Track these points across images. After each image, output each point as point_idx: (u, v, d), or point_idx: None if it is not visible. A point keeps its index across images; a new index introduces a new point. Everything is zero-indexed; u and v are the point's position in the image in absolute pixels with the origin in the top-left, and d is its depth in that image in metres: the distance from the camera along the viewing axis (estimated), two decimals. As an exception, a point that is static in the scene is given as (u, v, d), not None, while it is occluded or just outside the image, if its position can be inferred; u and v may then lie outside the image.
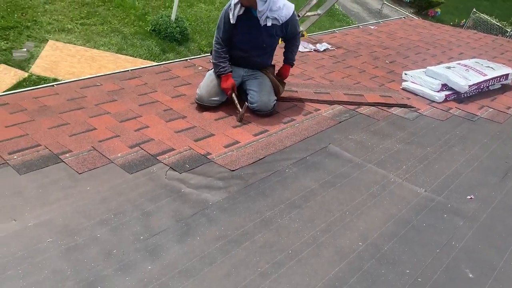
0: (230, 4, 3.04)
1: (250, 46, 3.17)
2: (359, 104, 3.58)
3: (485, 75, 4.14)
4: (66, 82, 3.33)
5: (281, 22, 3.08)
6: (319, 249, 1.99)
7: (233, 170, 2.50)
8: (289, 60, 3.42)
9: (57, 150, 2.44)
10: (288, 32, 3.24)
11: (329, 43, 5.15)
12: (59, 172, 2.27)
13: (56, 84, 3.25)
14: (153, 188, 2.24)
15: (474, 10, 16.44)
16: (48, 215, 1.97)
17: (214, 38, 3.19)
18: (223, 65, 3.14)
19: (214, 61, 3.19)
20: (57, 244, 1.82)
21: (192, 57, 4.28)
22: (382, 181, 2.56)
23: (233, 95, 3.17)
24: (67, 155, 2.41)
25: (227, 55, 3.17)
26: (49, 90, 3.14)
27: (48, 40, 7.58)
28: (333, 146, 2.89)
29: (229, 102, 3.22)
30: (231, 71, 3.17)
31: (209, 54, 3.94)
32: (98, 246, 1.84)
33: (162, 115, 2.99)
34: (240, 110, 3.08)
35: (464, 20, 16.80)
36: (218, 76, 3.18)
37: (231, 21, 3.04)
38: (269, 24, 3.04)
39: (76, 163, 2.35)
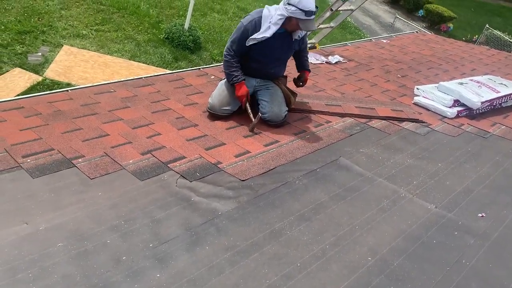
0: (254, 25, 3.01)
1: (268, 59, 3.20)
2: (371, 117, 3.58)
3: (498, 92, 4.12)
4: (80, 88, 3.37)
5: (301, 36, 3.20)
6: (328, 262, 1.98)
7: (243, 180, 2.50)
8: (307, 67, 3.49)
9: (70, 154, 2.46)
10: (303, 45, 3.34)
11: (341, 56, 5.16)
12: (71, 177, 2.29)
13: (70, 89, 3.29)
14: (163, 195, 2.25)
15: (487, 26, 16.40)
16: (59, 219, 1.99)
17: (226, 48, 3.16)
18: (236, 74, 3.14)
19: (226, 71, 3.18)
20: (68, 249, 1.83)
21: (205, 66, 4.31)
22: (393, 196, 2.55)
23: (247, 104, 3.18)
24: (80, 160, 2.43)
25: (239, 64, 3.17)
26: (64, 95, 3.17)
27: (63, 45, 7.68)
28: (343, 159, 2.89)
29: (240, 111, 3.24)
30: (244, 79, 3.18)
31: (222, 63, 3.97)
32: (108, 252, 1.85)
33: (174, 123, 3.01)
34: (253, 120, 3.09)
35: (476, 36, 16.77)
36: (232, 85, 3.19)
37: (247, 43, 3.07)
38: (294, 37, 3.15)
39: (88, 168, 2.37)
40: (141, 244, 1.92)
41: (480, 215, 2.50)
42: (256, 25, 3.03)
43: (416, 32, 7.88)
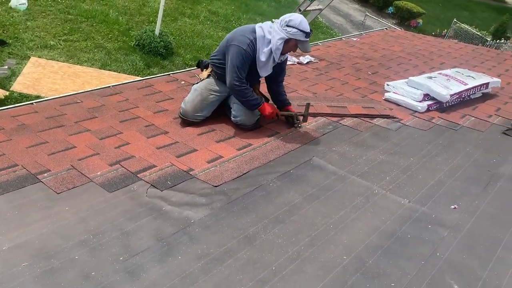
0: (253, 47, 2.98)
1: (250, 77, 3.13)
2: (342, 115, 3.59)
3: (466, 84, 4.19)
4: (45, 100, 3.28)
5: (282, 60, 3.20)
6: (303, 264, 1.96)
7: (216, 186, 2.47)
8: (288, 102, 3.37)
9: (35, 170, 2.38)
10: (281, 74, 3.32)
11: (312, 56, 5.18)
12: (36, 193, 2.21)
13: (35, 102, 3.20)
14: (133, 207, 2.20)
15: (455, 20, 16.78)
16: (24, 237, 1.91)
17: (234, 78, 2.97)
18: (256, 97, 3.08)
19: (243, 99, 3.04)
20: (33, 268, 1.76)
21: (174, 72, 4.26)
22: (366, 193, 2.55)
23: (281, 114, 3.22)
24: (45, 174, 2.36)
25: (250, 88, 3.11)
26: (28, 108, 3.08)
27: (30, 57, 7.50)
28: (317, 159, 2.88)
29: (213, 116, 3.20)
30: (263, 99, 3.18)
31: (195, 68, 3.90)
32: (76, 268, 1.79)
33: (144, 131, 2.96)
34: (299, 118, 3.27)
35: (445, 30, 17.13)
36: (255, 109, 3.10)
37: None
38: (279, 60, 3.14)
39: (55, 183, 2.30)
40: (110, 258, 1.86)
41: (452, 207, 2.52)
42: (254, 46, 3.00)
43: (386, 29, 7.98)
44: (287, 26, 2.93)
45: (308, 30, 2.96)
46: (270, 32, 2.99)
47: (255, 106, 3.09)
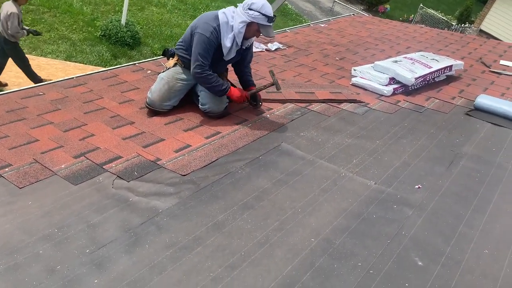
0: (216, 35, 2.94)
1: (217, 64, 3.11)
2: (310, 101, 3.61)
3: (430, 67, 4.28)
4: (5, 93, 3.17)
5: (249, 45, 3.18)
6: (272, 248, 1.98)
7: (184, 175, 2.45)
8: (252, 83, 3.35)
9: (-5, 165, 2.31)
10: (248, 56, 3.30)
11: (280, 43, 5.18)
12: (-3, 188, 2.15)
13: (-6, 96, 3.10)
14: (99, 199, 2.16)
15: (421, 5, 17.06)
16: (-15, 234, 1.86)
17: (197, 65, 2.94)
18: (221, 82, 3.04)
19: (209, 85, 3.01)
20: (-5, 265, 1.72)
21: (140, 61, 4.18)
22: (333, 176, 2.59)
23: (250, 95, 3.23)
24: (7, 169, 2.29)
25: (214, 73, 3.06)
26: (-13, 102, 2.98)
27: (-10, 50, 7.21)
28: (285, 145, 2.90)
29: (180, 105, 3.17)
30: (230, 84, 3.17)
31: (161, 56, 3.84)
32: (41, 263, 1.75)
33: (109, 122, 2.90)
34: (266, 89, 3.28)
35: (412, 15, 17.40)
36: (224, 95, 3.09)
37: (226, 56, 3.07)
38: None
39: (17, 178, 2.24)
40: (76, 251, 1.83)
41: (417, 187, 2.59)
42: (218, 34, 2.96)
43: (353, 14, 8.05)
44: (249, 9, 2.91)
45: (271, 15, 2.93)
46: (234, 17, 2.97)
47: (223, 91, 3.06)
